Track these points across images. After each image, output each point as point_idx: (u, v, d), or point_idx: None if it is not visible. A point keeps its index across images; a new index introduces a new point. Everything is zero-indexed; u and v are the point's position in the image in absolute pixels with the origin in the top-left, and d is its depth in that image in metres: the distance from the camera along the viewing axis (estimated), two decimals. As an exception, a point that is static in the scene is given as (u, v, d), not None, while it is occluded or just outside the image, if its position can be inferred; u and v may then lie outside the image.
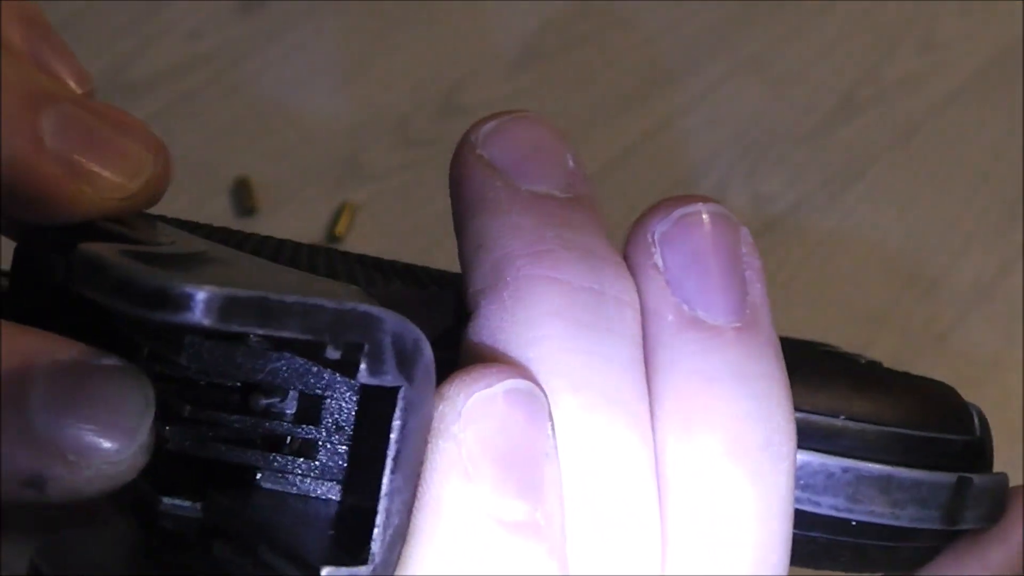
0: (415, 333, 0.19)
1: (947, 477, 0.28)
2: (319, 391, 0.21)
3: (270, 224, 0.85)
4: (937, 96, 0.93)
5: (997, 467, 0.34)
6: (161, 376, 0.21)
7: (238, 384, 0.22)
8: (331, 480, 0.21)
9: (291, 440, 0.22)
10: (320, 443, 0.21)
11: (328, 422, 0.21)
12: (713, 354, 0.21)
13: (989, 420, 0.31)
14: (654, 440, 0.21)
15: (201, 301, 0.17)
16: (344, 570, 0.18)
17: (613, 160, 0.89)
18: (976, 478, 0.29)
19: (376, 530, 0.18)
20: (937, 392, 0.29)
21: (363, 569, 0.18)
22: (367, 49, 0.93)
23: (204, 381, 0.22)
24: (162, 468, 0.20)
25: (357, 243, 0.85)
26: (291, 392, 0.21)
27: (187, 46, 0.91)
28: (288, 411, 0.22)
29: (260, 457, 0.21)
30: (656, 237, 0.23)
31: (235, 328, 0.17)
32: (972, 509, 0.28)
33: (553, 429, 0.19)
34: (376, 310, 0.18)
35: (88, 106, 0.22)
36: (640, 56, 0.94)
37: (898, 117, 0.92)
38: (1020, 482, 0.80)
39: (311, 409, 0.21)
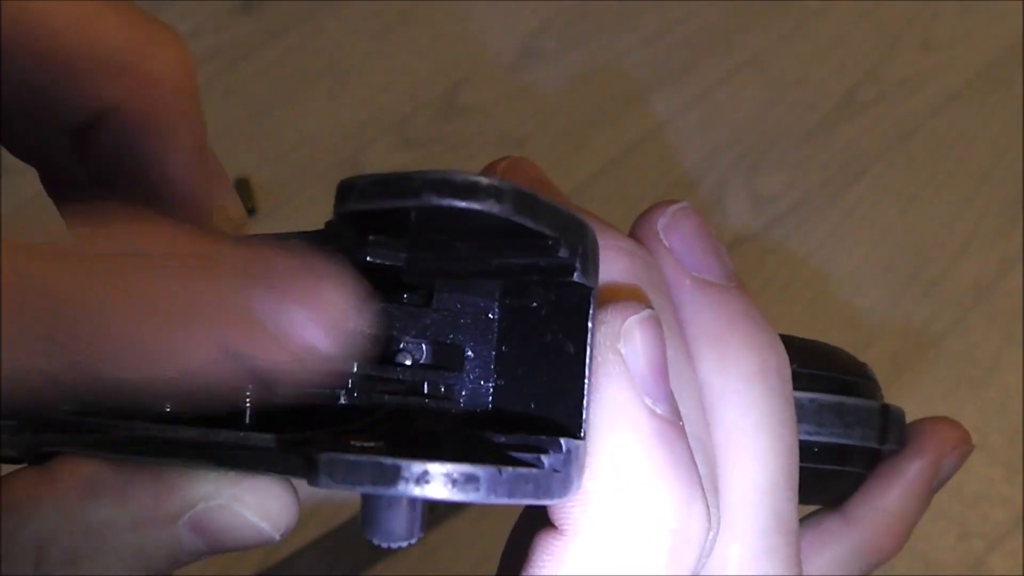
0: (597, 245, 0.23)
1: (876, 404, 0.34)
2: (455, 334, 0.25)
3: (270, 224, 0.85)
4: (937, 96, 0.93)
5: (997, 467, 0.39)
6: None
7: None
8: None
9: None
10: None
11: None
12: (727, 303, 0.27)
13: (989, 420, 0.38)
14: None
15: (508, 192, 0.22)
16: (573, 441, 0.22)
17: (613, 160, 0.89)
18: (892, 405, 0.35)
19: (584, 412, 0.22)
20: (844, 352, 0.36)
21: (580, 442, 0.22)
22: (367, 49, 0.93)
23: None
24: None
25: (357, 243, 0.85)
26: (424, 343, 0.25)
27: (187, 46, 0.91)
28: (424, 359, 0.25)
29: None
30: (660, 227, 0.29)
31: (517, 219, 0.22)
32: (892, 432, 0.34)
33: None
34: (585, 219, 0.22)
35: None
36: (640, 56, 0.94)
37: (898, 117, 0.92)
38: (1020, 482, 0.80)
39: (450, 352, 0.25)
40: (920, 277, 0.86)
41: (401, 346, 0.24)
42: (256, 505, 0.24)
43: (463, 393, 0.24)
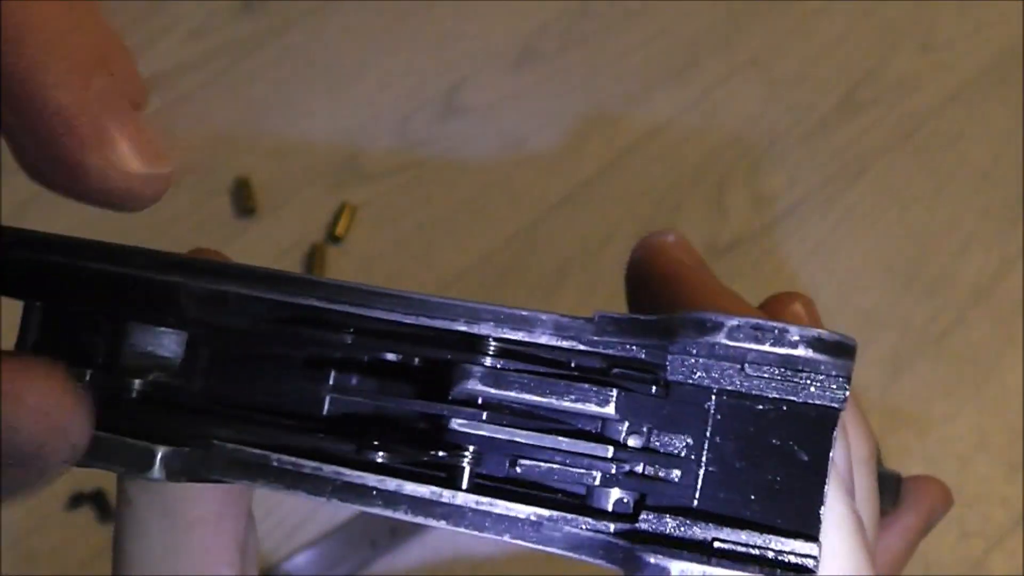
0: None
1: (895, 473, 0.39)
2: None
3: (270, 224, 0.85)
4: (937, 96, 0.93)
5: (997, 467, 0.44)
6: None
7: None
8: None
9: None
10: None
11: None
12: None
13: (989, 420, 0.41)
14: None
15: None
16: (814, 546, 0.25)
17: (613, 160, 0.89)
18: (899, 474, 0.40)
19: (821, 519, 0.25)
20: None
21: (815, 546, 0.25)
22: (367, 49, 0.93)
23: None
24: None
25: (357, 243, 0.85)
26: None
27: (187, 46, 0.91)
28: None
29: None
30: (795, 313, 0.34)
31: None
32: (891, 495, 0.39)
33: None
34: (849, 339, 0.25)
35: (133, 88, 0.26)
36: (640, 56, 0.94)
37: (898, 117, 0.92)
38: (1020, 482, 0.80)
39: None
40: (920, 277, 0.86)
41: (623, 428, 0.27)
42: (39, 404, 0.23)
43: (677, 475, 0.26)
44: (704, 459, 0.26)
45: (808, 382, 0.25)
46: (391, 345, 0.27)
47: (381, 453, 0.26)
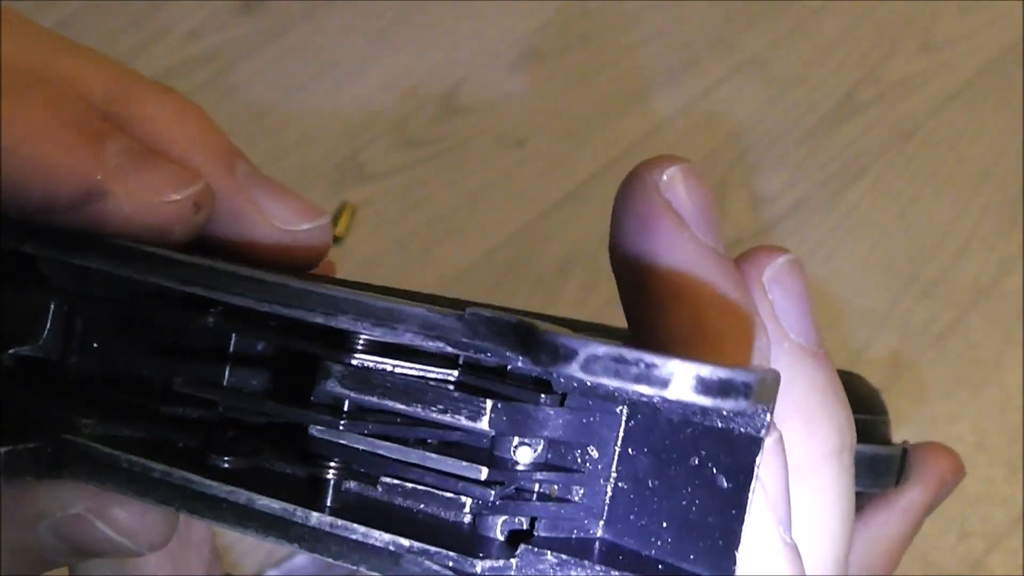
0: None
1: (899, 450, 0.35)
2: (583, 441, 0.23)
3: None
4: (937, 96, 0.93)
5: (997, 467, 0.41)
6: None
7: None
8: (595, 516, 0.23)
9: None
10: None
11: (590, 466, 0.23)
12: (818, 374, 0.26)
13: (989, 420, 0.39)
14: None
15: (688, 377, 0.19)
16: None
17: (613, 160, 0.89)
18: (906, 446, 0.36)
19: (737, 553, 0.21)
20: (865, 384, 0.36)
21: None
22: (367, 49, 0.93)
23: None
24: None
25: (357, 243, 0.85)
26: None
27: (187, 46, 0.91)
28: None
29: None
30: (767, 279, 0.28)
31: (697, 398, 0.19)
32: (904, 471, 0.36)
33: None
34: (762, 375, 0.20)
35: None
36: (640, 56, 0.94)
37: (898, 117, 0.92)
38: (1020, 482, 0.80)
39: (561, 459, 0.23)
40: (920, 277, 0.86)
41: (516, 442, 0.23)
42: (118, 519, 0.24)
43: (580, 493, 0.23)
44: (613, 473, 0.23)
45: (716, 416, 0.21)
46: (249, 333, 0.24)
47: (228, 457, 0.23)
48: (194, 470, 0.22)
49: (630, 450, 0.23)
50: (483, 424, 0.22)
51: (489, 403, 0.22)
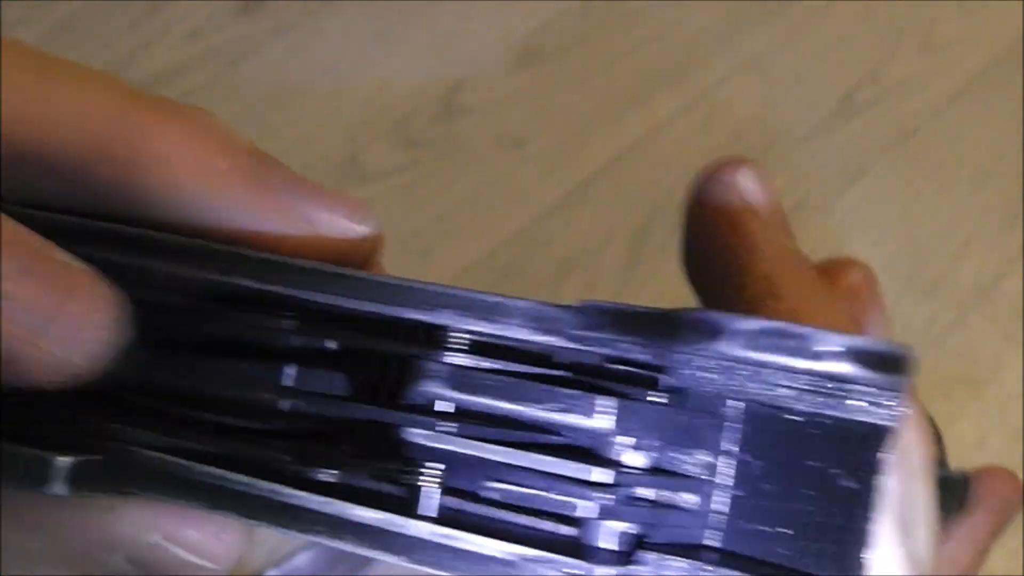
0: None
1: (963, 476, 0.34)
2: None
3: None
4: (937, 96, 0.93)
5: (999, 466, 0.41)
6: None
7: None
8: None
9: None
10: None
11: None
12: None
13: (989, 420, 0.38)
14: None
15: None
16: None
17: (613, 160, 0.89)
18: (968, 473, 0.35)
19: (865, 558, 0.20)
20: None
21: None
22: (367, 49, 0.93)
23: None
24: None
25: (357, 243, 0.85)
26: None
27: (187, 46, 0.91)
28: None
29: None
30: (848, 285, 0.28)
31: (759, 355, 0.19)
32: (958, 499, 0.34)
33: None
34: (910, 351, 0.19)
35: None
36: (640, 56, 0.94)
37: (898, 117, 0.92)
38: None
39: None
40: (920, 277, 0.86)
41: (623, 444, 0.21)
42: (193, 543, 0.23)
43: (691, 499, 0.21)
44: (725, 478, 0.21)
45: (849, 397, 0.20)
46: (335, 334, 0.22)
47: (326, 470, 0.21)
48: (280, 481, 0.21)
49: (743, 454, 0.21)
50: (603, 422, 0.21)
51: (603, 400, 0.21)
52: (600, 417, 0.21)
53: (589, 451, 0.21)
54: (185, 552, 0.23)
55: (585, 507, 0.21)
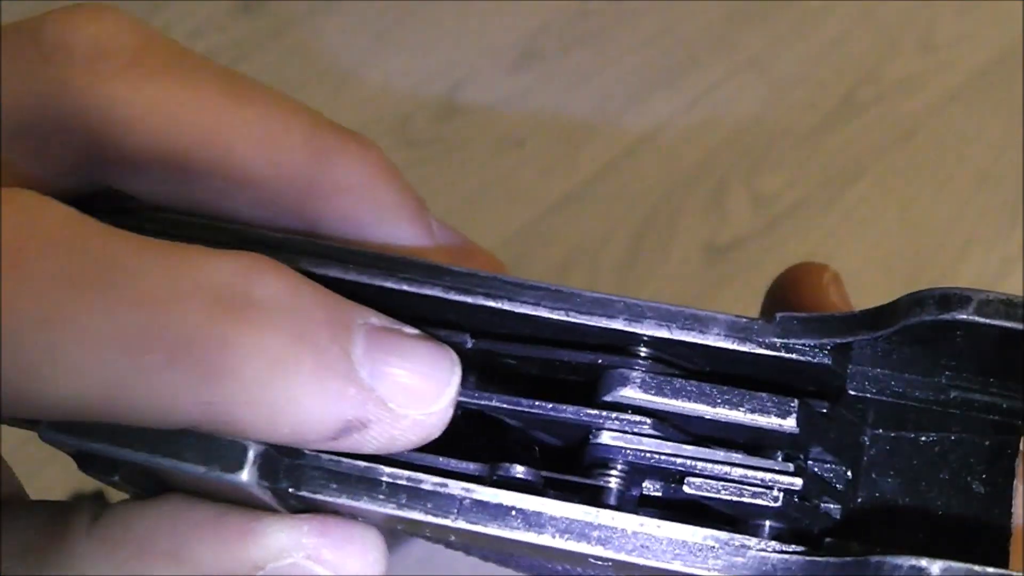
0: None
1: None
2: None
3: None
4: (937, 96, 0.93)
5: None
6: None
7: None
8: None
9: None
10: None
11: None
12: None
13: None
14: None
15: None
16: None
17: (613, 160, 0.89)
18: None
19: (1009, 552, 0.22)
20: None
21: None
22: (367, 49, 0.93)
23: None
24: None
25: (357, 243, 0.85)
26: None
27: (187, 46, 0.91)
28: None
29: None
30: None
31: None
32: None
33: None
34: None
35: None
36: (640, 56, 0.94)
37: (898, 117, 0.92)
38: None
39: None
40: (920, 277, 0.86)
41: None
42: (335, 563, 0.22)
43: (836, 508, 0.24)
44: (863, 492, 0.23)
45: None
46: (528, 347, 0.24)
47: (520, 468, 0.22)
48: (468, 480, 0.22)
49: (876, 472, 0.24)
50: (791, 423, 0.22)
51: (796, 402, 0.22)
52: (788, 418, 0.22)
53: (762, 452, 0.23)
54: (324, 571, 0.22)
55: (778, 497, 0.22)
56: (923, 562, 0.20)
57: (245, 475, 0.20)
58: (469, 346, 0.24)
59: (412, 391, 0.21)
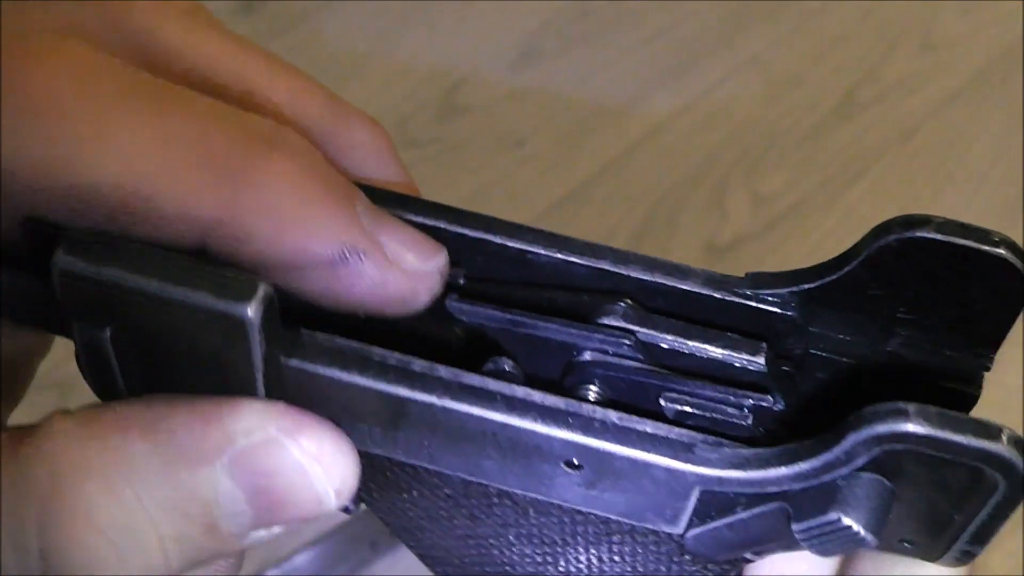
0: None
1: None
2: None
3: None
4: (937, 96, 0.93)
5: None
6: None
7: None
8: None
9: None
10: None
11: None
12: None
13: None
14: None
15: None
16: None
17: (613, 160, 0.89)
18: None
19: None
20: None
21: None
22: (367, 49, 0.93)
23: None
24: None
25: (357, 243, 0.85)
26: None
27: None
28: None
29: None
30: None
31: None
32: None
33: None
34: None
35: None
36: (640, 56, 0.94)
37: (898, 117, 0.92)
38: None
39: None
40: (920, 277, 0.86)
41: None
42: (311, 449, 0.22)
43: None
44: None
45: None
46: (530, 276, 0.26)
47: (509, 361, 0.24)
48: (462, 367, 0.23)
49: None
50: (760, 360, 0.25)
51: (764, 344, 0.25)
52: (758, 355, 0.25)
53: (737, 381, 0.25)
54: (301, 453, 0.22)
55: (750, 417, 0.24)
56: (900, 404, 0.21)
57: (251, 309, 0.20)
58: (462, 283, 0.26)
59: (406, 241, 0.24)
